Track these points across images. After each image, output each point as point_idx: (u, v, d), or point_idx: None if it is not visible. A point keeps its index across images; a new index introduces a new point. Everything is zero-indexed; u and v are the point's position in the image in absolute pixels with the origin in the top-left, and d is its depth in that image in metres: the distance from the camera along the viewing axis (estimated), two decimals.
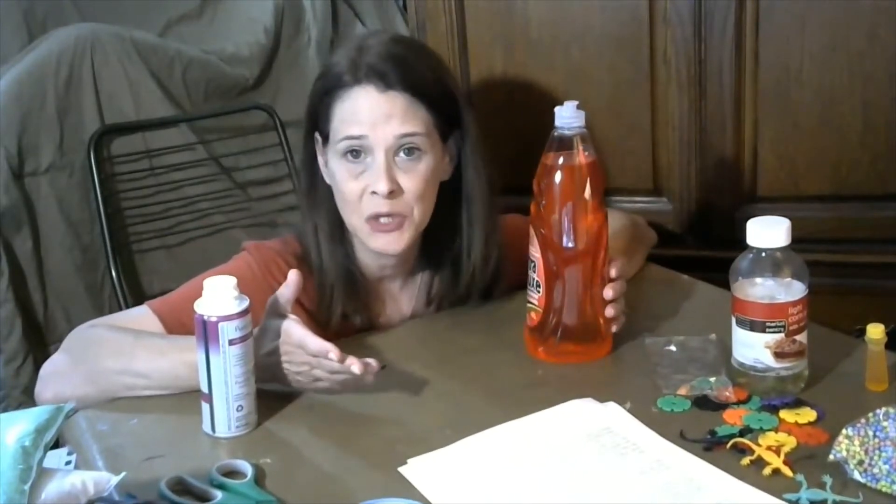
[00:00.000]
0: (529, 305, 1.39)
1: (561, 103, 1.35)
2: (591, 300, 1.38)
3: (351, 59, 1.41)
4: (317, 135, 1.47)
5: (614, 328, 1.40)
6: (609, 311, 1.39)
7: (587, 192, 1.35)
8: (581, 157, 1.34)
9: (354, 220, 1.43)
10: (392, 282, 1.53)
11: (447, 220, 1.50)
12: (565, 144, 1.35)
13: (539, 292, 1.36)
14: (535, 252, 1.36)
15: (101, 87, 2.37)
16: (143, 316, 1.40)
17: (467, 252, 1.50)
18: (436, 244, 1.51)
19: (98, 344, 1.35)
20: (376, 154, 1.39)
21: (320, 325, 1.44)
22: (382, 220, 1.41)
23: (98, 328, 1.39)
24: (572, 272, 1.36)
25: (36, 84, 2.29)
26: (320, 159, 1.47)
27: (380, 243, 1.42)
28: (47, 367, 1.37)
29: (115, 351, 1.33)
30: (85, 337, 1.38)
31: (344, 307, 1.47)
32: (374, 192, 1.39)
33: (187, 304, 1.23)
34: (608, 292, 1.38)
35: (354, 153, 1.40)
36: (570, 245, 1.35)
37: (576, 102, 1.35)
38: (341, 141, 1.40)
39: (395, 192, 1.39)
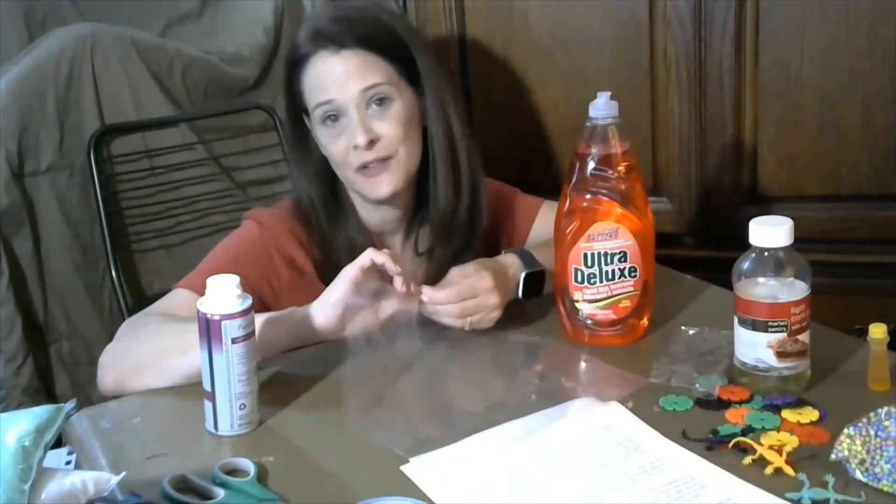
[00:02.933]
0: (616, 297, 1.40)
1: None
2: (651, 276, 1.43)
3: (305, 31, 1.50)
4: (304, 114, 1.53)
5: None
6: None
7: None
8: (619, 146, 1.37)
9: (348, 174, 1.50)
10: (392, 237, 1.59)
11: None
12: (601, 134, 1.37)
13: (635, 276, 1.39)
14: (624, 241, 1.38)
15: (101, 87, 2.36)
16: (182, 298, 1.44)
17: (433, 178, 1.54)
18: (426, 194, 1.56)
19: (151, 329, 1.40)
20: (349, 112, 1.47)
21: (324, 283, 1.45)
22: (370, 167, 1.47)
23: (148, 316, 1.44)
24: (650, 252, 1.41)
25: (36, 84, 2.28)
26: (313, 133, 1.54)
27: (372, 188, 1.49)
28: (105, 356, 1.40)
29: (168, 333, 1.37)
30: (137, 325, 1.43)
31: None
32: (356, 147, 1.46)
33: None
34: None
35: (332, 117, 1.48)
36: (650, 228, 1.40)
37: (609, 93, 1.37)
38: (316, 109, 1.49)
39: (374, 142, 1.47)
